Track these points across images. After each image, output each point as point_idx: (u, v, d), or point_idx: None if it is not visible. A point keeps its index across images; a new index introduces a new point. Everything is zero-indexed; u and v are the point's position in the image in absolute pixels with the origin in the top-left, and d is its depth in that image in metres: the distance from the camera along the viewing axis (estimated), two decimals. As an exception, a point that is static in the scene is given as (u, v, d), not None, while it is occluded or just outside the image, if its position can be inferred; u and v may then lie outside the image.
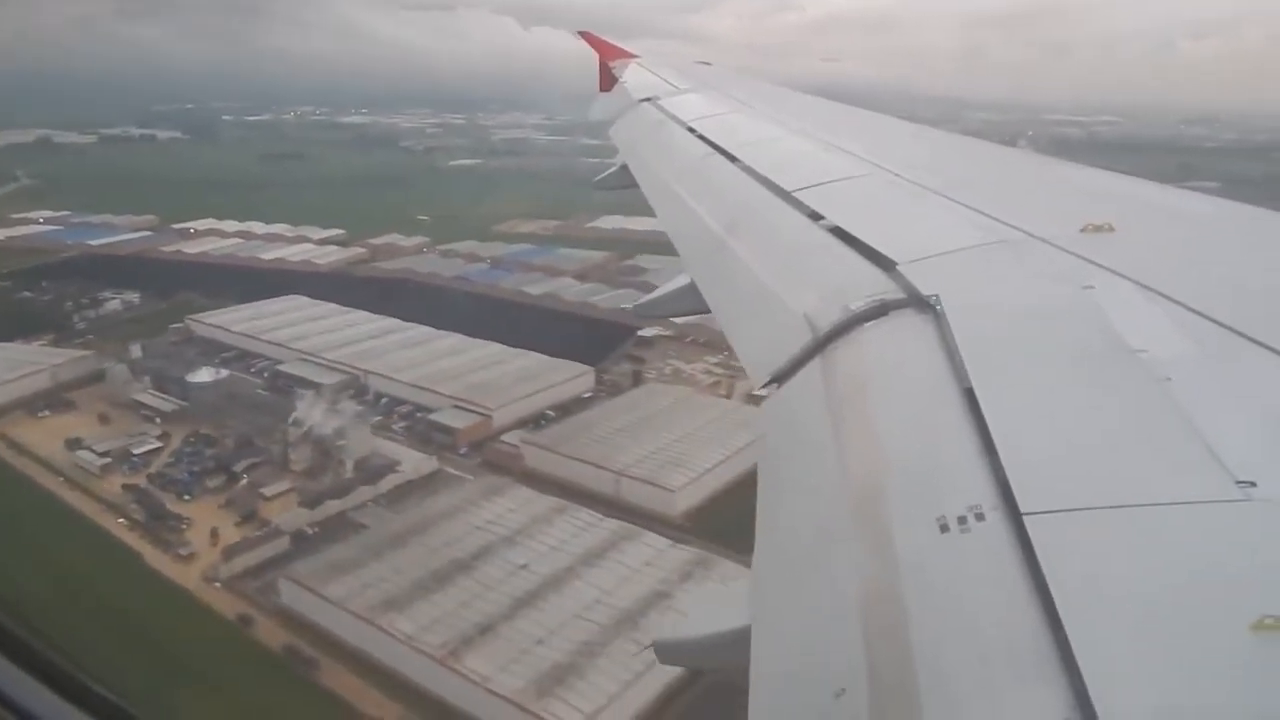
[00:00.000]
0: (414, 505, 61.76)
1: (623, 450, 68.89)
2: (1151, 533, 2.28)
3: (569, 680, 43.58)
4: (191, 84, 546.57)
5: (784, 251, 5.65)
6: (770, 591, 2.91)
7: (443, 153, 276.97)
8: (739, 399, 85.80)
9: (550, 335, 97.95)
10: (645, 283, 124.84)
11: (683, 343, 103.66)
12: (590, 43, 18.47)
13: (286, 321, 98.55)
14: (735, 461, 69.65)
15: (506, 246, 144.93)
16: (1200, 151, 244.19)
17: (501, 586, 50.88)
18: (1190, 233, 5.01)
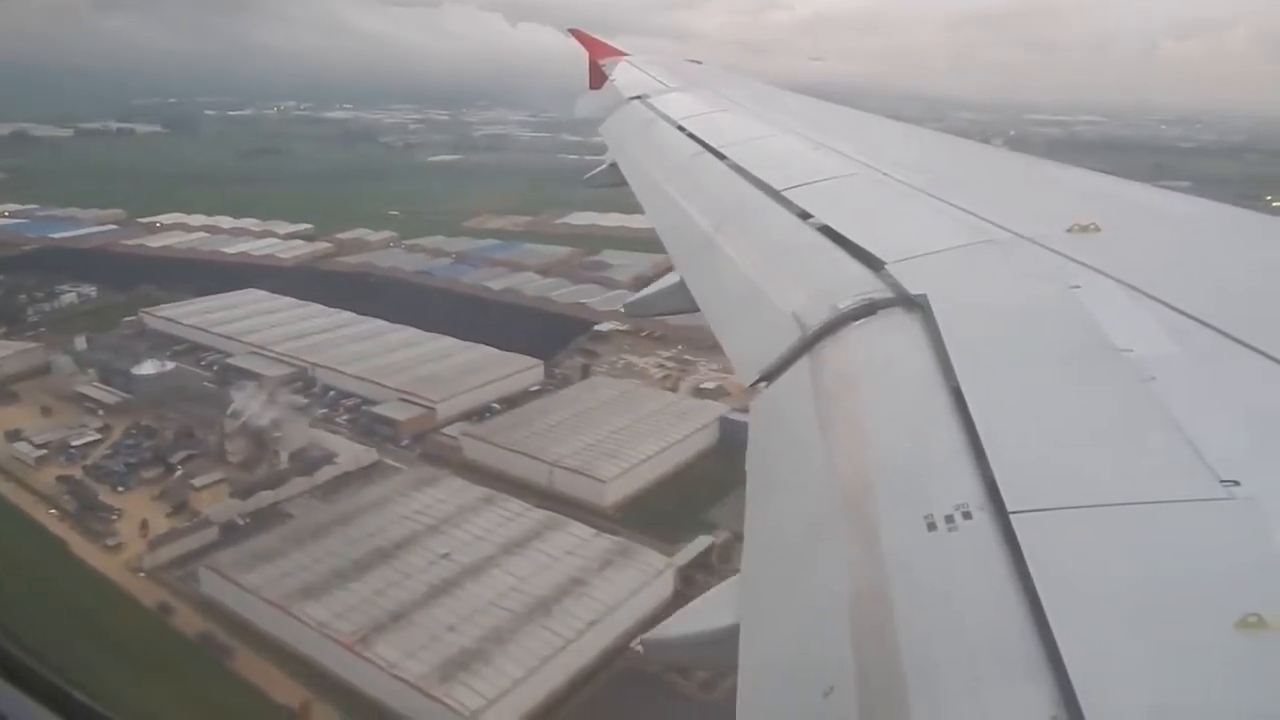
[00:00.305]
0: (345, 496, 62.12)
1: (560, 442, 69.38)
2: (1137, 531, 2.30)
3: (474, 666, 44.07)
4: (175, 79, 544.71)
5: (773, 250, 5.67)
6: (758, 589, 2.92)
7: (422, 148, 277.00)
8: (684, 393, 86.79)
9: (507, 329, 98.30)
10: (607, 278, 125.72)
11: (638, 337, 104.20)
12: (580, 40, 18.50)
13: (240, 315, 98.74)
14: (671, 453, 70.74)
15: (473, 242, 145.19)
16: (1176, 151, 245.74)
17: (421, 575, 51.35)
18: (1176, 233, 5.01)
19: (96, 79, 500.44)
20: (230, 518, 59.71)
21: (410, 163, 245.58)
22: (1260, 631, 1.88)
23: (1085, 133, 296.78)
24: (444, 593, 49.86)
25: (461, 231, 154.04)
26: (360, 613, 47.71)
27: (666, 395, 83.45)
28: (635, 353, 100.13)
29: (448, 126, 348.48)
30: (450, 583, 50.80)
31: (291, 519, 59.22)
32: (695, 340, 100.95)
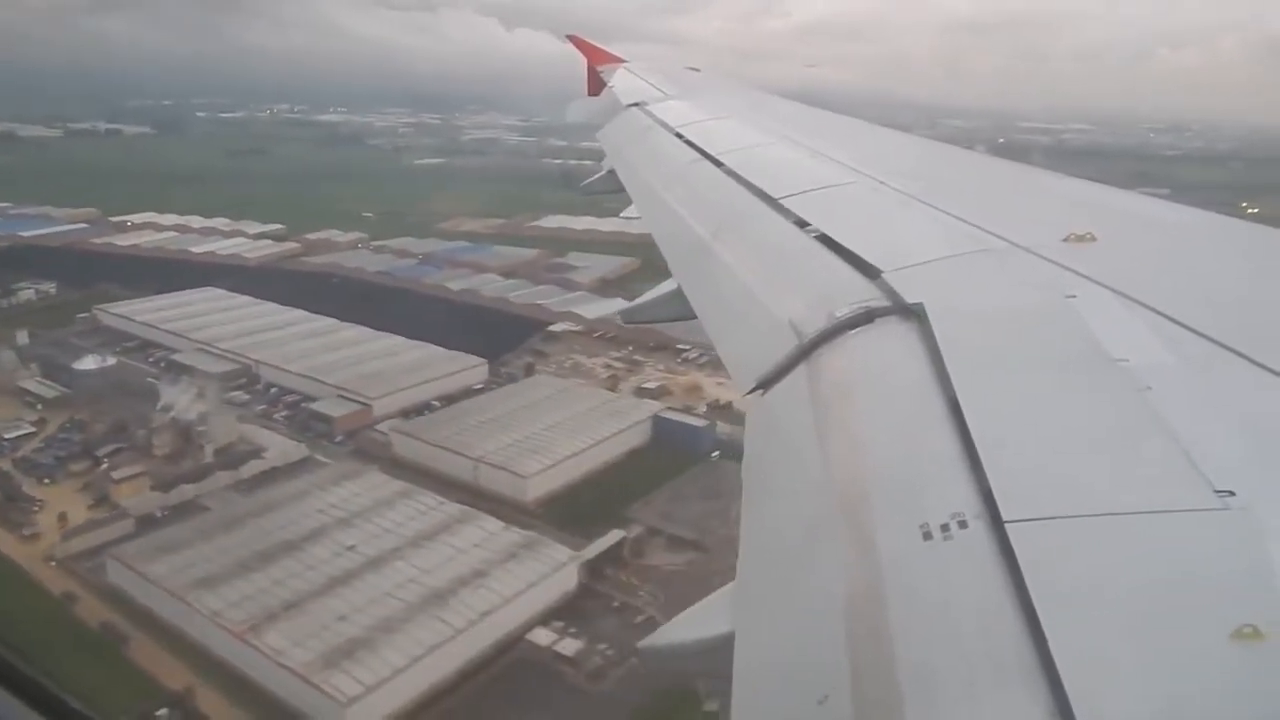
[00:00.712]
0: (265, 489, 62.72)
1: (489, 439, 70.08)
2: (1132, 541, 2.30)
3: (358, 654, 44.70)
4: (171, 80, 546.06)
5: (770, 258, 5.66)
6: (754, 597, 2.93)
7: (409, 151, 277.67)
8: (625, 392, 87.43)
9: (460, 329, 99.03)
10: (568, 280, 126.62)
11: (590, 337, 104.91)
12: (579, 47, 18.50)
13: (193, 313, 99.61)
14: (600, 450, 71.38)
15: (442, 243, 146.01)
16: (1160, 159, 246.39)
17: (323, 567, 52.00)
18: (1172, 243, 5.03)
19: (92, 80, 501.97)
20: (149, 510, 60.31)
21: (395, 165, 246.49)
22: (1256, 642, 1.88)
23: (1073, 140, 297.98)
24: (342, 584, 50.54)
25: (434, 233, 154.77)
26: (255, 602, 48.39)
27: (603, 394, 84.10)
28: (586, 353, 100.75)
29: (438, 130, 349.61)
30: (351, 574, 51.48)
31: (207, 511, 59.75)
32: (645, 342, 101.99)
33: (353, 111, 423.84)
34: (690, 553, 60.85)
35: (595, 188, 11.38)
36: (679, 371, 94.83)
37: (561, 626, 51.56)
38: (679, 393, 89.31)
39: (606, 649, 50.07)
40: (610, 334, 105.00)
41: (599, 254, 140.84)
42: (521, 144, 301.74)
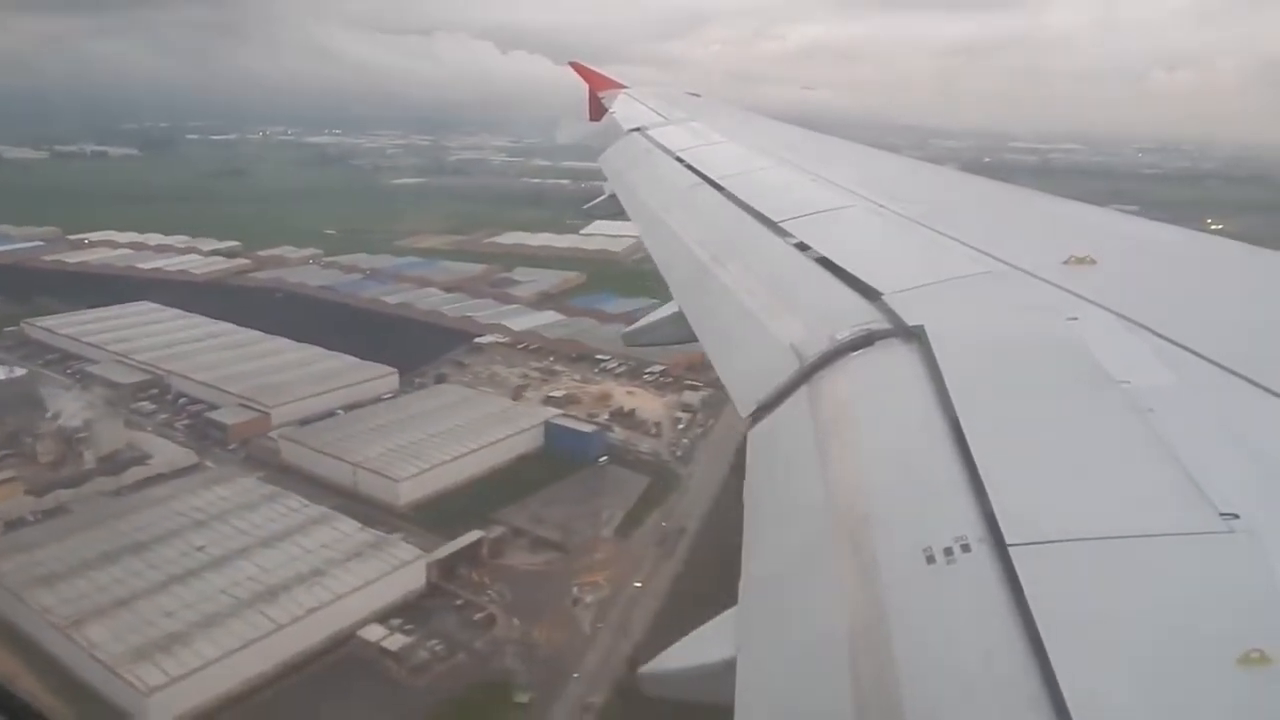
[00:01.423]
0: (137, 494, 63.93)
1: (372, 445, 71.35)
2: (1136, 564, 2.28)
3: (173, 648, 45.81)
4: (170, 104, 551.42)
5: (771, 281, 5.68)
6: (756, 622, 2.90)
7: (388, 171, 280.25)
8: (530, 400, 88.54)
9: (385, 341, 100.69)
10: (506, 294, 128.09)
11: (515, 349, 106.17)
12: (580, 73, 18.58)
13: (119, 326, 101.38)
14: (485, 455, 72.57)
15: (392, 259, 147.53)
16: (1139, 178, 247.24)
17: (167, 566, 53.15)
18: (1172, 266, 5.04)
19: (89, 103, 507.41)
20: (21, 514, 61.57)
21: (372, 185, 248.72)
22: (1263, 667, 1.86)
23: (1058, 160, 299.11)
24: (180, 582, 51.66)
25: (393, 250, 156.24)
26: (89, 599, 49.54)
27: (501, 402, 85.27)
28: (506, 363, 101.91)
29: (425, 151, 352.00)
30: (191, 573, 52.58)
31: (69, 514, 61.04)
32: (568, 353, 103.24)
33: (346, 134, 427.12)
34: (550, 553, 61.87)
35: (597, 211, 11.58)
36: (593, 381, 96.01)
37: (398, 624, 52.45)
38: (588, 401, 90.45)
39: (436, 645, 50.99)
40: (535, 345, 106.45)
41: (548, 269, 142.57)
42: (505, 164, 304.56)
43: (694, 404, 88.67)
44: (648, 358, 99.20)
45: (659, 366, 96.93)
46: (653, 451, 79.44)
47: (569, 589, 57.30)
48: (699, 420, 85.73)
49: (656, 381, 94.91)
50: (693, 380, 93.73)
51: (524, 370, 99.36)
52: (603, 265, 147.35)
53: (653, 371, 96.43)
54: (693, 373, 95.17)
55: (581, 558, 61.52)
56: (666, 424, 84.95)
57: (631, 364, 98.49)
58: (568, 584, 58.15)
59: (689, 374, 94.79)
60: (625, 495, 70.54)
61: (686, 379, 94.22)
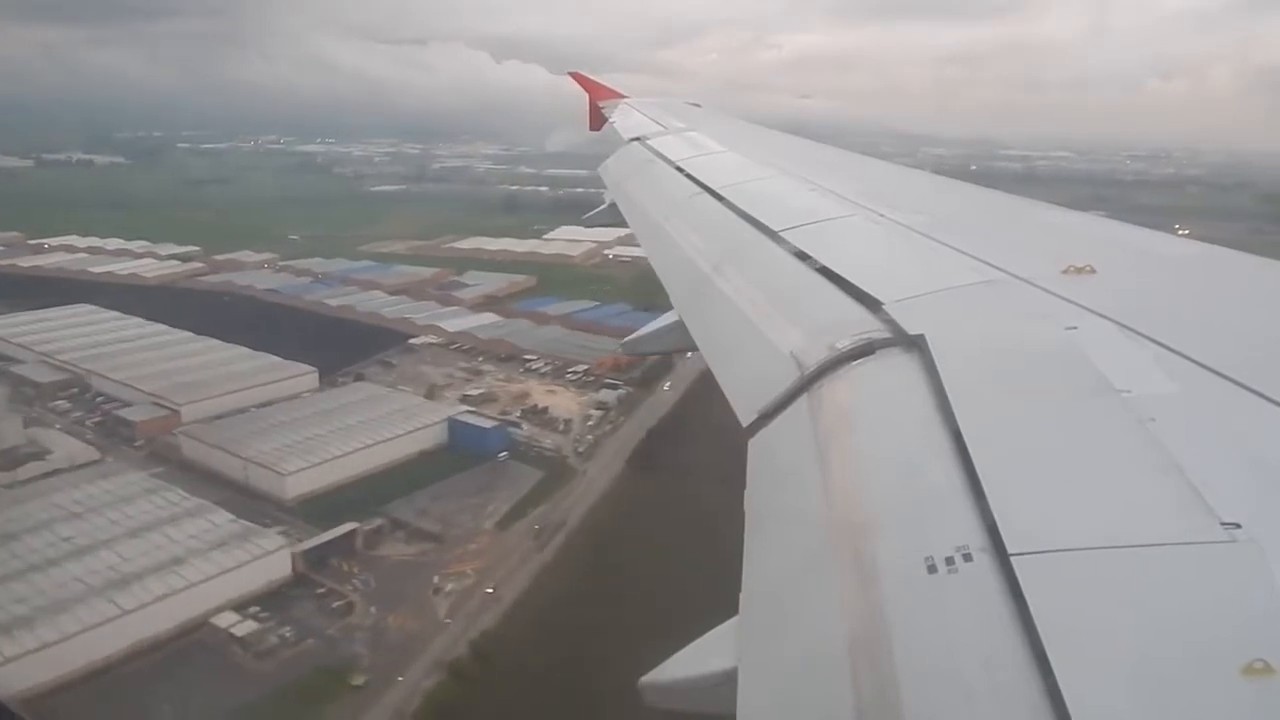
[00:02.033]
0: (19, 488, 65.20)
1: (268, 440, 72.67)
2: (1138, 573, 2.28)
3: (15, 631, 47.06)
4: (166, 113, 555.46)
5: (771, 290, 5.68)
6: (757, 632, 2.90)
7: (370, 179, 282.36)
8: (449, 398, 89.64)
9: (319, 341, 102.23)
10: (450, 296, 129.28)
11: (447, 349, 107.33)
12: (580, 83, 18.73)
13: (52, 328, 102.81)
14: (381, 450, 73.91)
15: (348, 263, 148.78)
16: (1121, 184, 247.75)
17: (28, 555, 54.42)
18: (1170, 275, 5.07)
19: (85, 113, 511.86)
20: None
21: (351, 192, 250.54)
22: (1267, 678, 1.86)
23: (1044, 167, 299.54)
24: (38, 570, 52.80)
25: (353, 254, 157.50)
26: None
27: (411, 399, 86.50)
28: (435, 363, 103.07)
29: (413, 159, 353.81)
30: (51, 562, 53.77)
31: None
32: (498, 354, 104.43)
33: (340, 143, 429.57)
34: (425, 545, 62.96)
35: (597, 220, 11.59)
36: (517, 380, 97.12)
37: (255, 611, 53.57)
38: (505, 399, 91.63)
39: (287, 631, 52.12)
40: (467, 346, 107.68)
41: (500, 273, 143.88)
42: (488, 172, 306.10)
43: (609, 402, 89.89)
44: (573, 358, 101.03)
45: (582, 366, 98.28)
46: (556, 447, 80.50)
47: (433, 579, 58.33)
48: (610, 418, 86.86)
49: (579, 381, 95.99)
50: (613, 380, 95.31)
51: (450, 370, 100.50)
52: (557, 270, 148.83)
53: (576, 371, 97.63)
54: (615, 373, 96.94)
55: (455, 549, 62.58)
56: (577, 421, 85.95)
57: (557, 364, 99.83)
58: (434, 574, 59.23)
59: (611, 374, 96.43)
60: (515, 489, 71.63)
61: (607, 379, 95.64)
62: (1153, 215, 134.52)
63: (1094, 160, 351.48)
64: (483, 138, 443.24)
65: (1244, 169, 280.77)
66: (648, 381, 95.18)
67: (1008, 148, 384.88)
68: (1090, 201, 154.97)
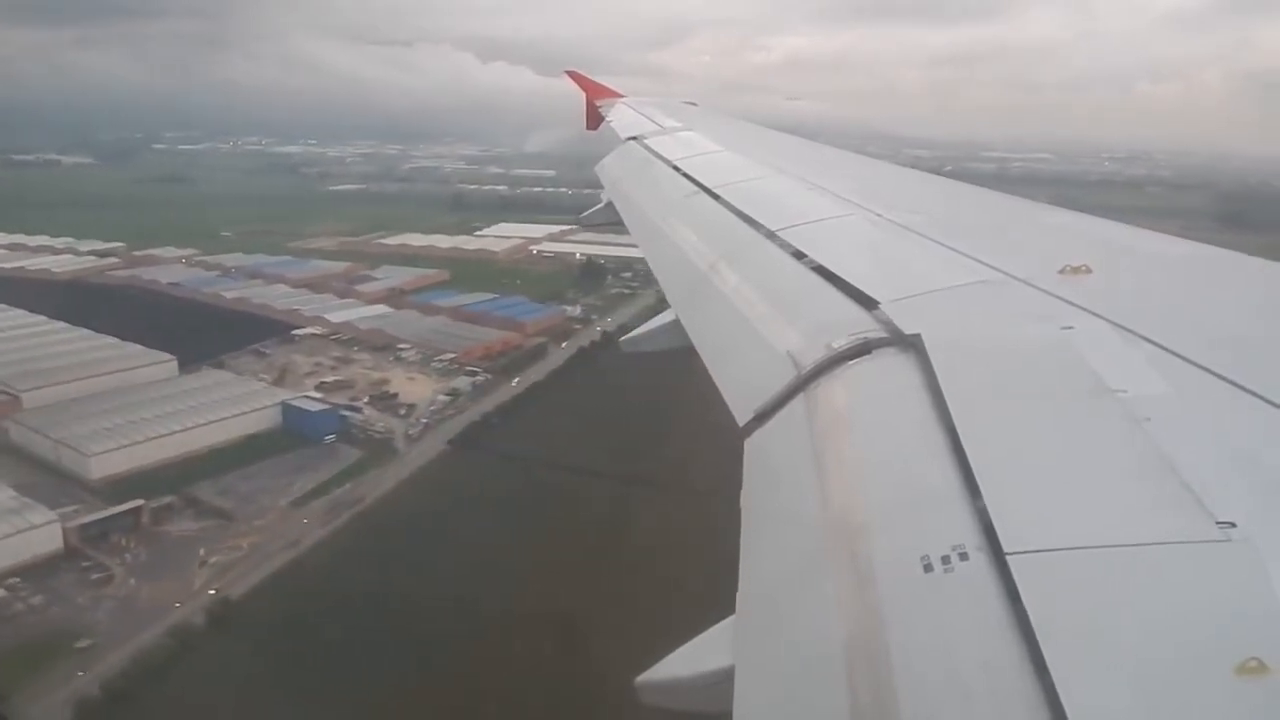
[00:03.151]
0: None
1: (91, 423, 74.60)
2: (1134, 573, 2.30)
3: None
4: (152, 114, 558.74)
5: (767, 290, 5.72)
6: (753, 630, 2.93)
7: (331, 179, 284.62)
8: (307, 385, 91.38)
9: (198, 332, 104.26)
10: (351, 289, 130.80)
11: (327, 339, 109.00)
12: (577, 82, 18.77)
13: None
14: (199, 433, 75.71)
15: (267, 258, 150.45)
16: (1086, 184, 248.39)
17: None
18: (1166, 275, 5.11)
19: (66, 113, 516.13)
20: None
21: (309, 191, 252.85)
22: (1261, 676, 1.88)
23: (1015, 169, 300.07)
24: None
25: (282, 250, 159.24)
26: None
27: (254, 385, 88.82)
28: (307, 353, 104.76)
29: (386, 159, 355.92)
30: None
31: None
32: (373, 343, 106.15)
33: (321, 144, 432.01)
34: (213, 521, 64.67)
35: (594, 220, 11.68)
36: (382, 368, 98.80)
37: (12, 582, 55.43)
38: (362, 386, 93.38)
39: (35, 599, 54.09)
40: (347, 336, 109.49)
41: (415, 268, 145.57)
42: (456, 171, 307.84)
43: (462, 389, 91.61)
44: (445, 347, 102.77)
45: (450, 355, 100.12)
46: (388, 430, 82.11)
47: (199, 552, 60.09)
48: (458, 404, 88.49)
49: (443, 369, 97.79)
50: (474, 368, 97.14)
51: (320, 359, 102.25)
52: (475, 265, 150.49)
53: (443, 360, 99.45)
54: (480, 361, 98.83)
55: (240, 526, 64.26)
56: (423, 406, 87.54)
57: (427, 353, 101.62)
58: (218, 548, 60.97)
59: (476, 363, 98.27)
60: (328, 470, 73.31)
61: (469, 367, 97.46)
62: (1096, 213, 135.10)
63: (1072, 162, 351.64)
64: (466, 139, 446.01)
65: (1214, 170, 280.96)
66: (512, 370, 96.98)
67: (990, 149, 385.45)
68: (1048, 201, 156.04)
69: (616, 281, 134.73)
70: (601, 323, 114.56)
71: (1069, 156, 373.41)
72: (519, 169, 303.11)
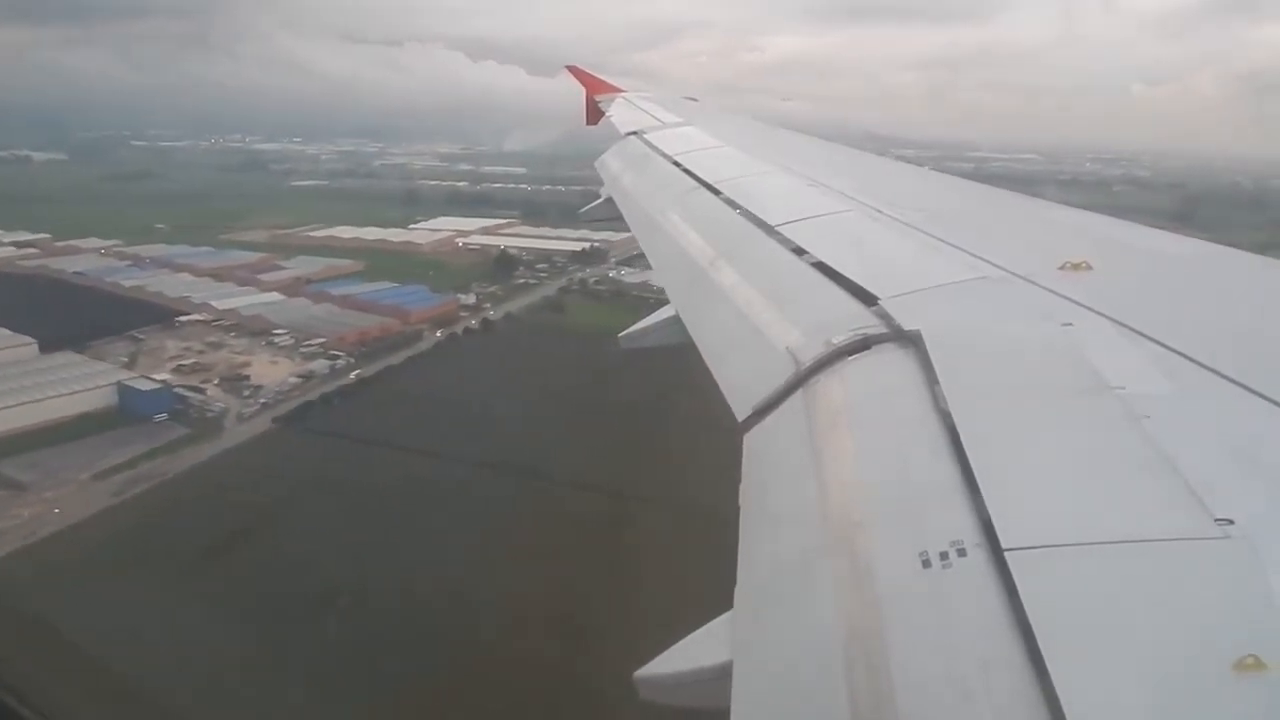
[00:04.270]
0: None
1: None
2: (1132, 569, 2.33)
3: None
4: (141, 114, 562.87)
5: (767, 286, 5.72)
6: (751, 626, 2.94)
7: (299, 174, 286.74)
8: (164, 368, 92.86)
9: (80, 318, 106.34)
10: (253, 277, 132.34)
11: (208, 325, 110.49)
12: (577, 77, 18.85)
13: None
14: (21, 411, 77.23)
15: (189, 249, 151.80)
16: (1056, 183, 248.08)
17: None
18: (1167, 272, 5.11)
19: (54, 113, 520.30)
20: None
21: (269, 186, 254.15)
22: (1258, 673, 1.90)
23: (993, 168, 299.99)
24: None
25: (209, 241, 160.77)
26: None
27: (99, 366, 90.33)
28: (181, 339, 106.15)
29: (360, 157, 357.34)
30: None
31: None
32: (253, 328, 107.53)
33: (306, 142, 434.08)
34: (4, 492, 66.12)
35: (593, 215, 11.75)
36: (251, 353, 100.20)
37: None
38: (219, 368, 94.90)
39: None
40: (229, 323, 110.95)
41: (336, 258, 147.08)
42: (427, 168, 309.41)
43: (318, 372, 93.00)
44: (320, 332, 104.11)
45: (321, 340, 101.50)
46: (223, 410, 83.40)
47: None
48: (307, 386, 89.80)
49: (310, 353, 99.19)
50: (337, 353, 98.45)
51: (192, 344, 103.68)
52: (395, 257, 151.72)
53: (312, 345, 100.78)
54: (351, 346, 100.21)
55: (30, 495, 65.66)
56: (270, 387, 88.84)
57: (299, 338, 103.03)
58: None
59: (345, 348, 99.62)
60: (145, 445, 74.65)
61: (333, 351, 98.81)
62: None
63: (1053, 162, 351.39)
64: (450, 138, 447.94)
65: (1193, 171, 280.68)
66: (378, 355, 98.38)
67: (976, 150, 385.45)
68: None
69: (527, 273, 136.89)
70: (488, 311, 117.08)
71: (1054, 157, 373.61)
72: (488, 166, 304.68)
